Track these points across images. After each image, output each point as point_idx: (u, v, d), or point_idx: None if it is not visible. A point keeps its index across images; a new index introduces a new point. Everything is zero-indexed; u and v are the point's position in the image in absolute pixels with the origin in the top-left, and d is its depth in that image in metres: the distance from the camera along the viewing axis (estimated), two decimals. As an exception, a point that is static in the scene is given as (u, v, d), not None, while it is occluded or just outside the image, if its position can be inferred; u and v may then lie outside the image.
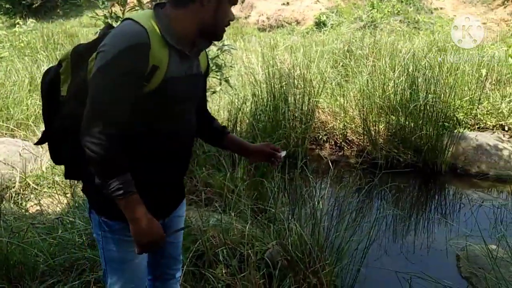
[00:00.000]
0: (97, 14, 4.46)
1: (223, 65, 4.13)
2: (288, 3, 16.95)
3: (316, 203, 2.54)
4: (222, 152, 3.72)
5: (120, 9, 4.17)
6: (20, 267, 2.05)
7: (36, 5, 18.92)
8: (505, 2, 16.07)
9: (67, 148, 1.26)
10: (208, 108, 1.63)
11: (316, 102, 4.76)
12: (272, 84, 4.75)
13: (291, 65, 5.67)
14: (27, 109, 5.04)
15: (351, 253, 2.43)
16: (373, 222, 2.67)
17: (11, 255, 2.05)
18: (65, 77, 1.26)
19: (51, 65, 1.44)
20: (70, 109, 1.22)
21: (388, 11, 15.90)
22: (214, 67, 4.02)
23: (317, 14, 16.02)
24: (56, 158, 1.37)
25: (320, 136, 4.98)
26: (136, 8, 3.93)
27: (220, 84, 4.03)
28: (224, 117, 4.60)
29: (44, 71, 1.35)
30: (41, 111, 1.53)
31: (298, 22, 16.12)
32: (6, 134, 4.66)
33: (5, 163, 3.82)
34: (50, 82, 1.28)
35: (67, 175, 1.39)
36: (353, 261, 2.40)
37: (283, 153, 1.54)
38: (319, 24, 15.52)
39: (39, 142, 1.37)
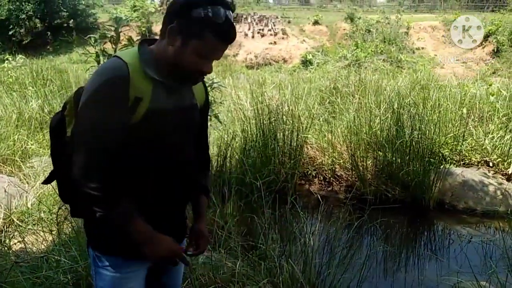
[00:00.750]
0: (88, 51, 4.53)
1: (212, 101, 4.19)
2: (275, 42, 17.47)
3: (307, 239, 2.52)
4: (211, 187, 3.71)
5: (112, 47, 4.24)
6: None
7: (26, 41, 19.14)
8: (483, 42, 16.84)
9: (71, 187, 1.25)
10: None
11: (305, 138, 4.82)
12: (261, 120, 4.81)
13: (280, 102, 5.79)
14: (14, 144, 4.98)
15: (343, 291, 2.39)
16: (364, 259, 2.65)
17: (-8, 297, 1.97)
18: (70, 119, 1.29)
19: (39, 100, 1.47)
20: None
21: (371, 51, 16.52)
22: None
23: (303, 53, 16.52)
24: (63, 196, 1.38)
25: (309, 172, 5.00)
26: (128, 45, 4.00)
27: (210, 119, 4.07)
28: (214, 152, 4.61)
29: (31, 107, 1.40)
30: (27, 147, 1.55)
31: (285, 61, 16.57)
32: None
33: (-12, 200, 3.73)
34: (56, 124, 1.32)
35: (73, 213, 1.40)
36: (345, 299, 2.36)
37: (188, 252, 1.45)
38: (306, 63, 15.98)
39: (47, 181, 1.39)
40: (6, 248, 2.80)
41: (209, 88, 4.13)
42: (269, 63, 16.38)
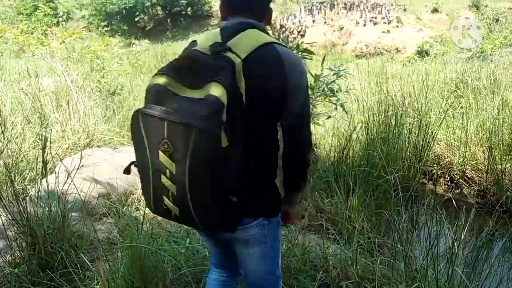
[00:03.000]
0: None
1: (338, 89, 4.07)
2: (388, 31, 16.55)
3: (451, 245, 2.31)
4: (336, 177, 3.65)
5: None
6: (155, 273, 2.13)
7: (149, 27, 20.86)
8: None
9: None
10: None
11: (434, 135, 4.45)
12: (384, 112, 4.56)
13: (402, 94, 5.43)
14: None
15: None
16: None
17: (147, 260, 2.14)
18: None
19: None
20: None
21: (500, 42, 14.75)
22: (328, 92, 3.98)
23: (419, 43, 15.40)
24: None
25: (434, 171, 4.64)
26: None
27: (336, 109, 3.97)
28: (333, 143, 4.51)
29: None
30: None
31: (398, 50, 15.63)
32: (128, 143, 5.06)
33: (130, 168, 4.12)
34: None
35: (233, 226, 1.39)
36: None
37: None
38: (421, 53, 14.88)
39: (126, 171, 1.50)
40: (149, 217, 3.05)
41: (335, 76, 4.03)
42: (380, 53, 15.60)
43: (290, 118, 1.32)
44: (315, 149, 4.61)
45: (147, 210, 3.64)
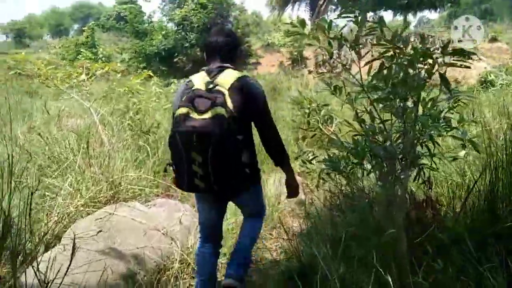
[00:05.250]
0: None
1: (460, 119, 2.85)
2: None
3: None
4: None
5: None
6: None
7: (187, 68, 20.57)
8: None
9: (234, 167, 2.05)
10: None
11: None
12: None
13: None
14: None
15: None
16: None
17: None
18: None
19: None
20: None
21: None
22: (443, 123, 2.78)
23: (482, 73, 13.95)
24: (222, 182, 2.01)
25: None
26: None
27: (464, 147, 2.73)
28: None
29: None
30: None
31: (457, 82, 14.22)
32: (162, 193, 3.98)
33: (165, 234, 3.00)
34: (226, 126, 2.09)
35: (236, 189, 2.21)
36: None
37: None
38: (485, 84, 13.41)
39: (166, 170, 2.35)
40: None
41: (450, 102, 2.83)
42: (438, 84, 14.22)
43: (259, 121, 2.20)
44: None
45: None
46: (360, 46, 2.31)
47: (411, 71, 2.18)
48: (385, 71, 2.27)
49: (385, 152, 2.31)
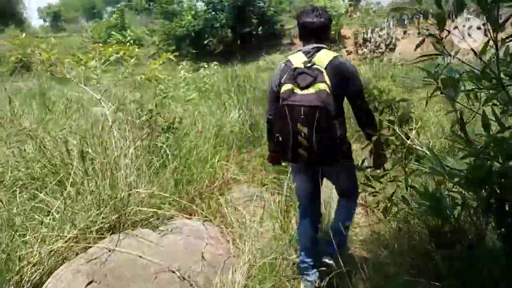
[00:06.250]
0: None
1: None
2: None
3: None
4: None
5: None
6: None
7: (218, 50, 19.72)
8: None
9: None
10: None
11: None
12: None
13: None
14: (214, 173, 3.58)
15: None
16: None
17: None
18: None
19: (240, 111, 3.65)
20: None
21: None
22: None
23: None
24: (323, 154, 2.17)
25: None
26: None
27: None
28: None
29: (232, 118, 3.83)
30: (227, 175, 2.90)
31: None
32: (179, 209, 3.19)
33: (181, 279, 2.21)
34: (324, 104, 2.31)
35: (331, 159, 2.25)
36: None
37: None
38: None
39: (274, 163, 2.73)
40: None
41: None
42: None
43: (359, 98, 2.32)
44: None
45: None
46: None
47: None
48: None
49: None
